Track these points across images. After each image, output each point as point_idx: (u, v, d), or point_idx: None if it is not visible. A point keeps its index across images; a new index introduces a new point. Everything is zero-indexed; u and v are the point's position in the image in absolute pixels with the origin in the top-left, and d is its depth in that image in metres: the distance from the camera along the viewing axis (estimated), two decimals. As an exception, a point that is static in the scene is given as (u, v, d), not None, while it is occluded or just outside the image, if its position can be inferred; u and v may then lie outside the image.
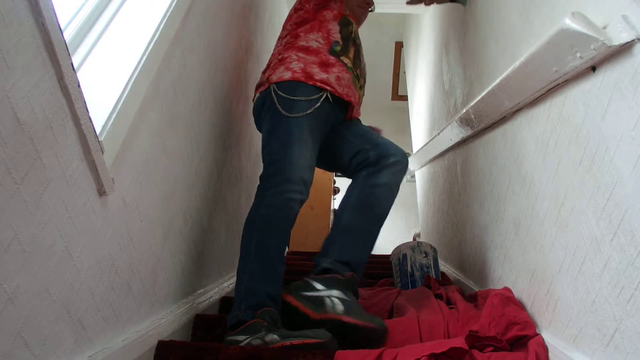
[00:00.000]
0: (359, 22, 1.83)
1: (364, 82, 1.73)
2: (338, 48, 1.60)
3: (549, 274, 1.05)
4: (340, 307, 1.21)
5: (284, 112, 1.45)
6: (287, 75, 1.50)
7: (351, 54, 1.63)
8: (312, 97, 1.47)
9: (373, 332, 1.18)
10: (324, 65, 1.53)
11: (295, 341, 1.11)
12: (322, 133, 1.52)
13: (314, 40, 1.60)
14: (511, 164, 1.32)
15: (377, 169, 1.50)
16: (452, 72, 2.25)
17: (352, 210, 1.45)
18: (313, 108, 1.46)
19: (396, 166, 1.51)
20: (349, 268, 1.37)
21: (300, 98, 1.46)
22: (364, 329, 1.17)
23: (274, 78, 1.51)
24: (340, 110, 1.59)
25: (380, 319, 1.21)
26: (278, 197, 1.35)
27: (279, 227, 1.35)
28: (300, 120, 1.44)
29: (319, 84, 1.49)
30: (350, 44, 1.65)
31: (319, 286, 1.28)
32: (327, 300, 1.24)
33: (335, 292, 1.26)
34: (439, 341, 1.09)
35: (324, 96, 1.49)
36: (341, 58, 1.59)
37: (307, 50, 1.57)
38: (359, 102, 1.70)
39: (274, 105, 1.47)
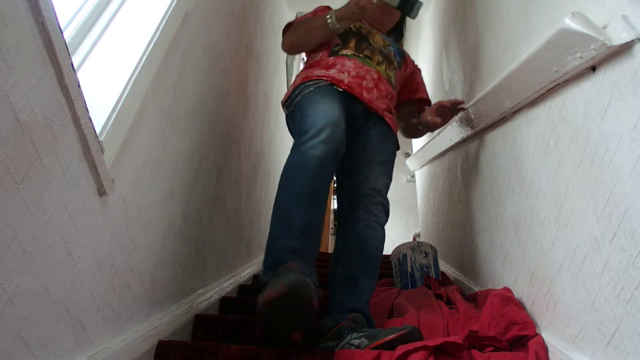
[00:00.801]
0: (383, 25, 1.77)
1: (389, 57, 1.65)
2: (337, 48, 1.61)
3: (549, 274, 1.05)
4: (364, 342, 1.11)
5: (295, 100, 1.48)
6: (292, 86, 1.56)
7: (352, 44, 1.62)
8: (315, 84, 1.50)
9: (408, 336, 1.08)
10: (325, 67, 1.55)
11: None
12: (340, 104, 1.42)
13: (316, 55, 1.64)
14: (511, 164, 1.32)
15: (355, 213, 1.42)
16: (452, 72, 2.25)
17: (345, 258, 1.38)
18: (317, 86, 1.47)
19: (371, 209, 1.42)
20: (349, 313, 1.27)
21: (306, 89, 1.48)
22: (399, 339, 1.07)
23: (283, 98, 1.57)
24: (353, 101, 1.50)
25: (406, 325, 1.13)
26: (292, 155, 1.29)
27: (291, 180, 1.25)
28: (309, 94, 1.45)
29: (315, 78, 1.51)
30: (350, 37, 1.63)
31: (330, 344, 1.17)
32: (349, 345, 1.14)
33: (347, 339, 1.16)
34: (434, 339, 1.08)
35: (324, 82, 1.49)
36: (340, 53, 1.58)
37: (310, 65, 1.62)
38: (384, 79, 1.59)
39: (288, 109, 1.53)
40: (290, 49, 1.73)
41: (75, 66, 0.75)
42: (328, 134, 1.27)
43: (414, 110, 1.81)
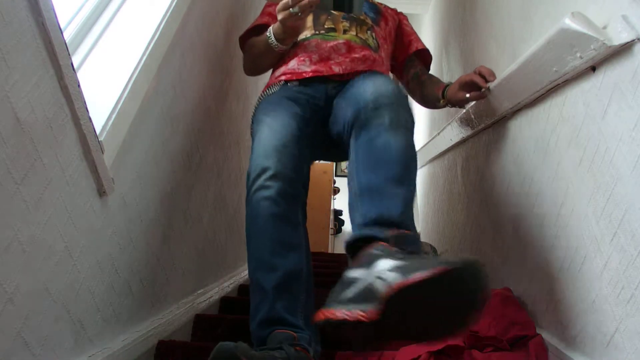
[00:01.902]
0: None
1: (357, 18, 1.40)
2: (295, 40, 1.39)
3: (549, 274, 1.05)
4: (393, 276, 0.75)
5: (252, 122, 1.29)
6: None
7: (308, 23, 1.40)
8: (266, 93, 1.32)
9: (463, 270, 0.71)
10: (286, 62, 1.36)
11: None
12: (291, 109, 1.21)
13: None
14: (511, 164, 1.32)
15: (357, 132, 1.06)
16: (452, 72, 2.25)
17: (363, 170, 1.01)
18: (267, 95, 1.30)
19: (386, 113, 1.03)
20: (386, 227, 0.91)
21: (258, 106, 1.31)
22: (446, 275, 0.70)
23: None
24: (324, 81, 1.29)
25: (463, 256, 0.75)
26: (246, 207, 1.09)
27: (250, 237, 1.05)
28: (257, 112, 1.27)
29: (271, 83, 1.34)
30: (304, 20, 1.30)
31: (356, 273, 0.82)
32: (377, 283, 0.76)
33: (380, 265, 0.80)
34: (436, 343, 1.09)
35: (276, 87, 1.31)
36: (300, 40, 1.37)
37: (276, 66, 1.42)
38: (356, 46, 1.34)
39: None
40: (252, 74, 1.52)
41: (75, 66, 0.75)
42: (274, 164, 1.04)
43: (420, 66, 1.57)
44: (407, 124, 1.05)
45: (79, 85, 0.75)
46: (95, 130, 0.80)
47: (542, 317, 1.08)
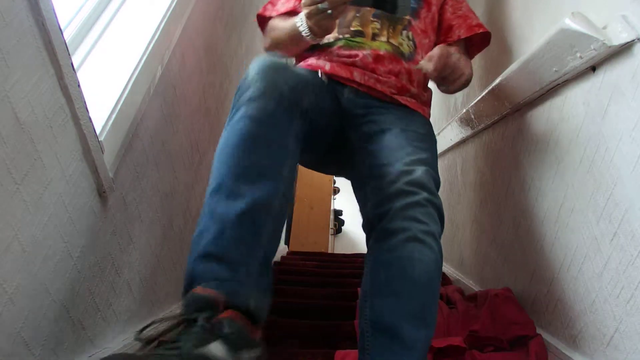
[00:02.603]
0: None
1: (393, 10, 1.09)
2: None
3: (549, 274, 1.05)
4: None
5: None
6: None
7: (334, 27, 1.09)
8: None
9: None
10: (301, 61, 1.22)
11: None
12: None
13: None
14: (511, 164, 1.32)
15: (377, 238, 0.88)
16: (452, 72, 2.25)
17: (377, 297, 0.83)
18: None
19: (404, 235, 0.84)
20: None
21: None
22: None
23: None
24: (335, 83, 1.12)
25: None
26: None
27: (217, 159, 0.85)
28: None
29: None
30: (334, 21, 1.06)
31: None
32: None
33: None
34: (439, 340, 1.09)
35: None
36: (322, 44, 1.18)
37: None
38: (387, 57, 1.13)
39: None
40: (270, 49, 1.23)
41: (75, 66, 0.75)
42: (268, 77, 0.86)
43: (472, 49, 1.31)
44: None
45: (79, 85, 0.74)
46: (95, 130, 0.80)
47: (542, 317, 1.08)
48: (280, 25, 1.18)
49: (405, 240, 0.83)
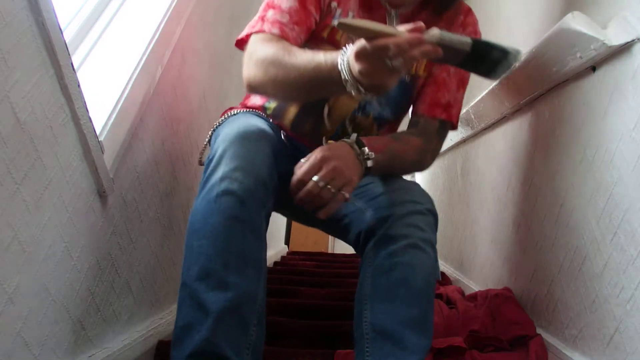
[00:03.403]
0: None
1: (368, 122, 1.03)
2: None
3: (549, 274, 1.05)
4: None
5: None
6: None
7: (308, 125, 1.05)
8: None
9: None
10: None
11: None
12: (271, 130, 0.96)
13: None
14: (511, 164, 1.32)
15: (378, 243, 0.87)
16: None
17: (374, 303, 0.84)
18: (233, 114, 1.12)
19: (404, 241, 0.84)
20: None
21: None
22: None
23: None
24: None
25: None
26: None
27: (195, 238, 0.82)
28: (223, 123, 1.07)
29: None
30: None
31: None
32: None
33: None
34: (439, 340, 1.09)
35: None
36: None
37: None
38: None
39: None
40: (253, 91, 1.03)
41: (75, 66, 0.75)
42: (245, 154, 0.81)
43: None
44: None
45: (79, 85, 0.74)
46: (95, 130, 0.80)
47: (542, 317, 1.08)
48: (299, 61, 0.85)
49: (406, 246, 0.83)
